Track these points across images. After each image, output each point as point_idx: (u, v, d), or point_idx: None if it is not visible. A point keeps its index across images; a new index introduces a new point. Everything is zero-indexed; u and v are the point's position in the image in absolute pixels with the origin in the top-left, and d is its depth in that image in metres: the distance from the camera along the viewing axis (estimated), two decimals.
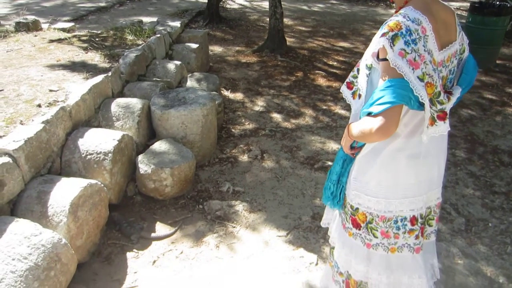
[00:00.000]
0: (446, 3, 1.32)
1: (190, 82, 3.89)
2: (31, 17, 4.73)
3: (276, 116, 4.01)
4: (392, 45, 1.13)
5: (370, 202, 1.39)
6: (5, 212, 1.93)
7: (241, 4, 9.94)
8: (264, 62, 5.66)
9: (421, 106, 1.20)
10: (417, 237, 1.42)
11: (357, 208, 1.43)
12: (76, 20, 6.28)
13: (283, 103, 4.32)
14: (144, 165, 2.59)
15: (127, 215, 2.54)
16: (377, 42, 1.19)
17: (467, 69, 1.39)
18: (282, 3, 6.05)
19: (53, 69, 3.24)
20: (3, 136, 2.14)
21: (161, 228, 2.46)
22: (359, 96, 1.34)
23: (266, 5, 9.39)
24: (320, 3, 10.76)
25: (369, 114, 1.19)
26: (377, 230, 1.41)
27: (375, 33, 1.28)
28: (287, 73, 5.25)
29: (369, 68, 1.28)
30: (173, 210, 2.63)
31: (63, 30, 4.63)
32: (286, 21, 7.51)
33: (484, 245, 2.38)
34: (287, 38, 6.36)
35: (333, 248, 1.64)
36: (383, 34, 1.16)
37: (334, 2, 11.08)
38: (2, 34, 4.19)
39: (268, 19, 6.50)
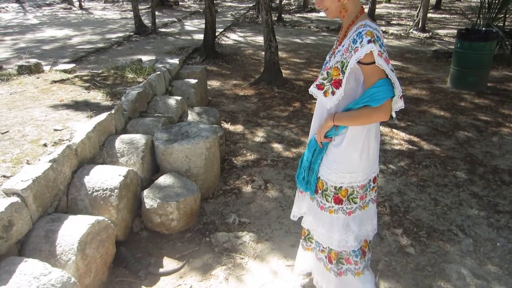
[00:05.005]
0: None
1: (191, 116, 3.96)
2: (33, 60, 4.85)
3: (277, 146, 4.06)
4: (373, 48, 1.47)
5: (352, 177, 1.73)
6: (13, 253, 1.92)
7: (235, 40, 10.26)
8: (261, 94, 5.78)
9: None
10: (376, 191, 1.86)
11: (340, 187, 1.75)
12: (76, 61, 6.45)
13: (282, 133, 4.39)
14: (149, 200, 2.60)
15: (134, 251, 2.52)
16: (365, 47, 1.47)
17: None
18: (275, 37, 6.26)
19: (56, 109, 3.31)
20: (11, 176, 2.15)
21: (168, 263, 2.44)
22: (332, 93, 1.63)
23: (259, 39, 9.71)
24: (312, 35, 11.12)
25: (365, 105, 1.57)
26: (357, 197, 1.77)
27: None
28: (285, 104, 5.36)
29: (348, 72, 1.58)
30: (180, 244, 2.61)
31: (65, 71, 4.75)
32: (281, 54, 7.73)
33: (494, 265, 2.36)
34: (282, 70, 6.53)
35: (309, 234, 2.02)
36: (369, 41, 1.47)
37: (326, 34, 11.46)
38: (5, 77, 4.29)
39: (263, 53, 6.70)
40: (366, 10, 1.74)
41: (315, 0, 1.66)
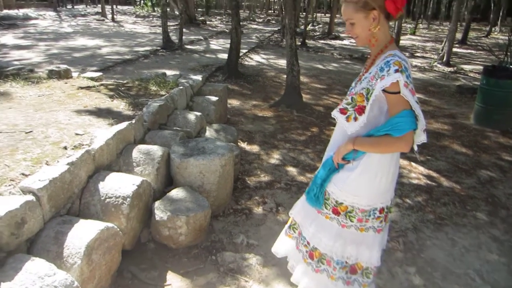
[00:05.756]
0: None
1: (209, 133, 3.98)
2: (63, 66, 5.02)
3: (292, 170, 4.03)
4: (400, 78, 1.49)
5: (355, 199, 1.74)
6: (22, 250, 1.93)
7: (258, 62, 10.41)
8: (280, 116, 5.80)
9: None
10: (381, 222, 1.80)
11: (341, 203, 1.77)
12: (103, 70, 6.63)
13: (298, 157, 4.36)
14: (160, 212, 2.59)
15: (139, 262, 2.50)
16: (391, 76, 1.49)
17: None
18: (298, 61, 6.32)
19: (80, 114, 3.38)
20: (29, 175, 2.19)
21: (172, 278, 2.40)
22: (355, 119, 1.66)
23: (282, 62, 9.82)
24: (334, 62, 11.20)
25: (386, 134, 1.57)
26: (354, 217, 1.77)
27: None
28: (303, 128, 5.35)
29: (372, 99, 1.60)
30: (185, 259, 2.58)
31: (92, 78, 4.89)
32: (302, 78, 7.78)
33: None
34: (303, 95, 6.56)
35: (295, 224, 2.04)
36: (397, 71, 1.49)
37: (348, 62, 11.53)
38: (36, 80, 4.44)
39: (284, 76, 6.76)
40: None
41: (346, 27, 1.69)
